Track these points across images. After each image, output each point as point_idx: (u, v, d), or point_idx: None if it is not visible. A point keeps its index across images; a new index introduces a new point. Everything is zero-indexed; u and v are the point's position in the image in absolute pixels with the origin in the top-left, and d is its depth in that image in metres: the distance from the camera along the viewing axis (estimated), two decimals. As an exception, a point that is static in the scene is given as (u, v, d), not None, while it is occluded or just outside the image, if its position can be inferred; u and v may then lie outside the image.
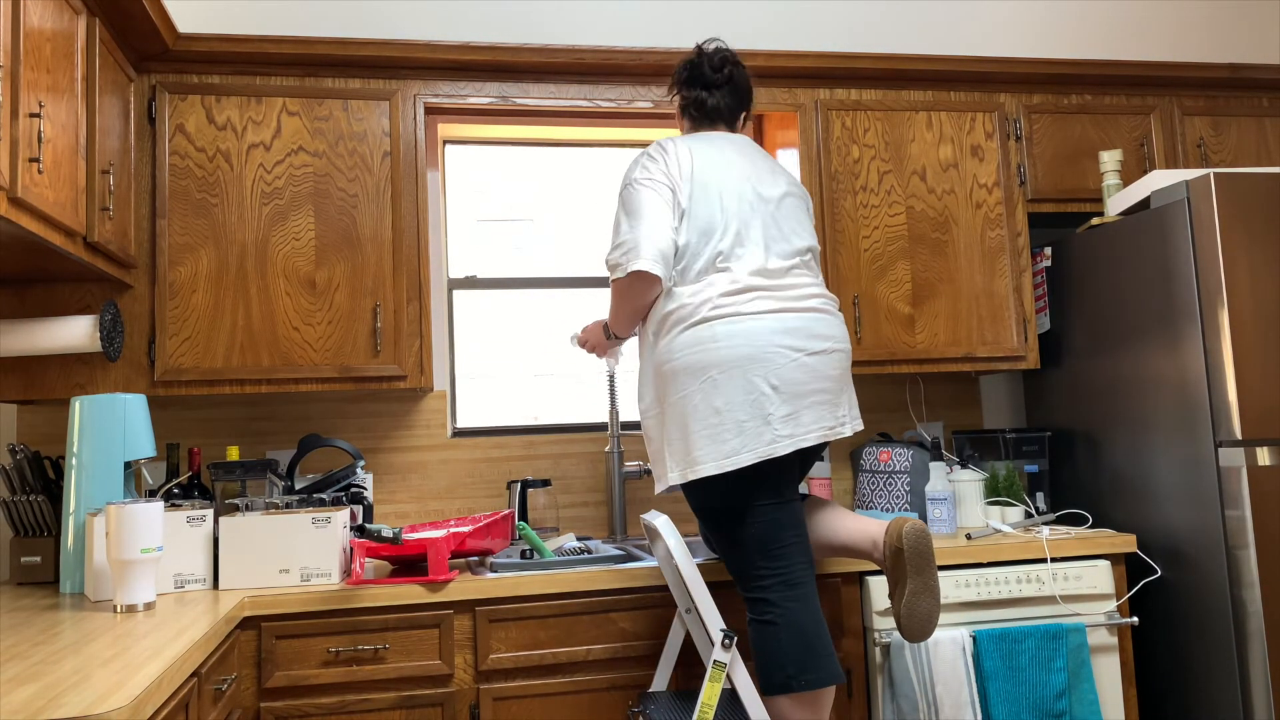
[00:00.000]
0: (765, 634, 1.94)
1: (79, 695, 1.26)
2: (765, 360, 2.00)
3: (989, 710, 2.28)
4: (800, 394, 2.01)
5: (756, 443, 1.98)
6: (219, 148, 2.50)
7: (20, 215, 1.76)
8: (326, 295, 2.52)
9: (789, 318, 2.04)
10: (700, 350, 2.01)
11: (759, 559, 1.98)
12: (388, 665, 2.12)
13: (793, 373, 2.01)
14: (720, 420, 1.99)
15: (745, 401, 1.99)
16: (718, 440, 1.98)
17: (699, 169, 2.11)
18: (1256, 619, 2.29)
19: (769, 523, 1.99)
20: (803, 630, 1.93)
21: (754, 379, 1.99)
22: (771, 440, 1.98)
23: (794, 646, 1.92)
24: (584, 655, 2.21)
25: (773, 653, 1.92)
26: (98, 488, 2.23)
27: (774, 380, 2.00)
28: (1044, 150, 2.94)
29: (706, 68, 2.24)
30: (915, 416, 3.13)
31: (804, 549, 2.01)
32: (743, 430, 1.98)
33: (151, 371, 2.43)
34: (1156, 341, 2.53)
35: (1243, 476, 2.31)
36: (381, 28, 2.95)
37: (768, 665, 1.93)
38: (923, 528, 2.02)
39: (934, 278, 2.82)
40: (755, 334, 2.01)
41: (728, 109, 2.25)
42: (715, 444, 1.99)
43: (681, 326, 2.03)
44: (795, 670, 1.90)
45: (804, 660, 1.91)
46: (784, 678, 1.90)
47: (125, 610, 1.89)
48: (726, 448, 1.98)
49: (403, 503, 2.81)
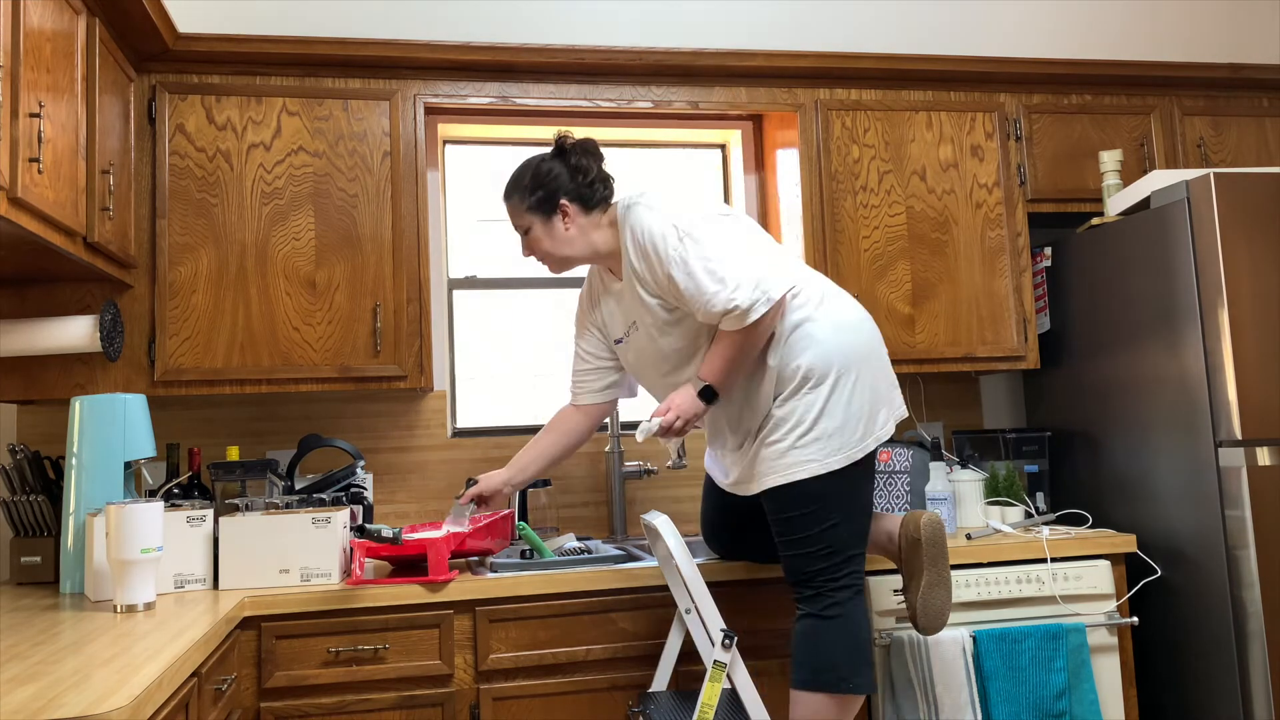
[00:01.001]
0: (826, 632, 1.94)
1: (79, 695, 1.26)
2: (879, 338, 2.11)
3: (989, 710, 2.28)
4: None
5: (890, 413, 2.06)
6: (219, 148, 2.50)
7: (20, 215, 1.76)
8: (326, 295, 2.52)
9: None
10: (850, 330, 2.03)
11: (842, 560, 1.98)
12: (388, 665, 2.12)
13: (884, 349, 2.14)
14: (876, 396, 2.04)
15: (885, 372, 2.08)
16: (870, 416, 2.02)
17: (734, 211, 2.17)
18: (1256, 619, 2.29)
19: (864, 527, 2.02)
20: (863, 636, 1.96)
21: (883, 354, 2.10)
22: (900, 404, 2.10)
23: (853, 650, 1.93)
24: (584, 655, 2.21)
25: (828, 653, 1.92)
26: (98, 488, 2.23)
27: (886, 359, 2.11)
28: (1044, 150, 2.94)
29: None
30: (915, 416, 3.13)
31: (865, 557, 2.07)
32: (890, 400, 2.08)
33: (151, 371, 2.43)
34: (1156, 341, 2.53)
35: (1243, 476, 2.31)
36: (381, 28, 2.95)
37: (818, 663, 1.92)
38: (939, 519, 2.04)
39: (934, 278, 2.82)
40: (863, 320, 2.09)
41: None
42: (868, 421, 2.01)
43: (817, 313, 2.04)
44: (849, 672, 1.92)
45: (859, 664, 1.93)
46: (835, 678, 1.91)
47: (125, 610, 1.89)
48: (875, 422, 2.02)
49: (403, 503, 2.81)
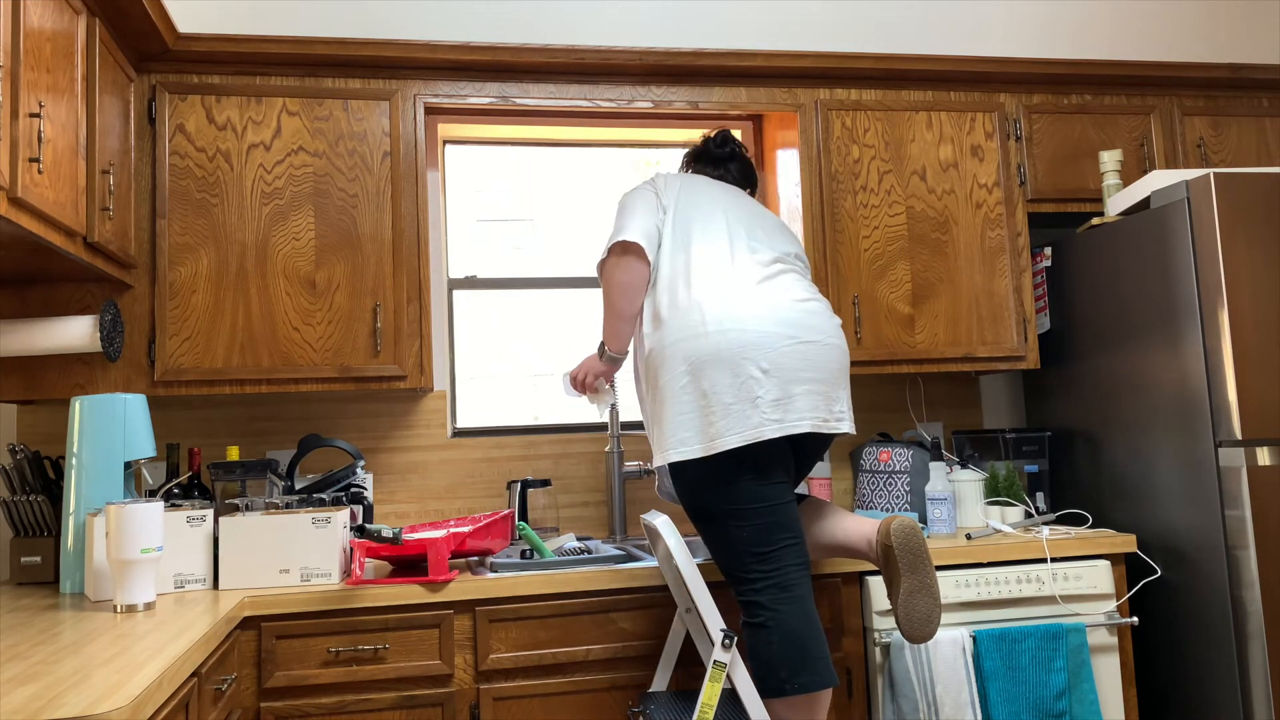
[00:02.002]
0: (758, 637, 1.94)
1: (79, 695, 1.26)
2: (756, 345, 1.98)
3: (989, 710, 2.28)
4: (792, 379, 1.98)
5: (743, 425, 1.94)
6: (219, 148, 2.50)
7: (20, 215, 1.76)
8: (326, 295, 2.52)
9: (782, 309, 2.04)
10: (691, 337, 2.01)
11: (751, 561, 1.97)
12: (388, 665, 2.12)
13: (785, 357, 1.99)
14: (707, 403, 1.97)
15: (733, 384, 1.96)
16: (705, 423, 1.97)
17: (686, 187, 2.27)
18: (1256, 619, 2.29)
19: (761, 525, 1.97)
20: (795, 634, 1.92)
21: (743, 361, 1.97)
22: (759, 424, 1.95)
23: (787, 650, 1.91)
24: (584, 655, 2.21)
25: (765, 656, 1.92)
26: (98, 488, 2.23)
27: (764, 364, 1.97)
28: (1044, 150, 2.94)
29: (711, 146, 2.47)
30: (915, 416, 3.13)
31: (798, 551, 1.99)
32: (729, 413, 1.95)
33: (151, 371, 2.43)
34: (1156, 341, 2.53)
35: (1243, 476, 2.31)
36: (381, 28, 2.95)
37: (761, 668, 1.93)
38: (912, 524, 2.00)
39: (934, 278, 2.82)
40: (746, 319, 2.00)
41: (738, 175, 2.47)
42: (701, 427, 1.97)
43: (673, 313, 2.06)
44: (788, 674, 1.90)
45: (797, 664, 1.90)
46: (777, 681, 1.90)
47: (125, 610, 1.89)
48: (712, 430, 1.96)
49: (403, 503, 2.81)
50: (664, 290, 2.11)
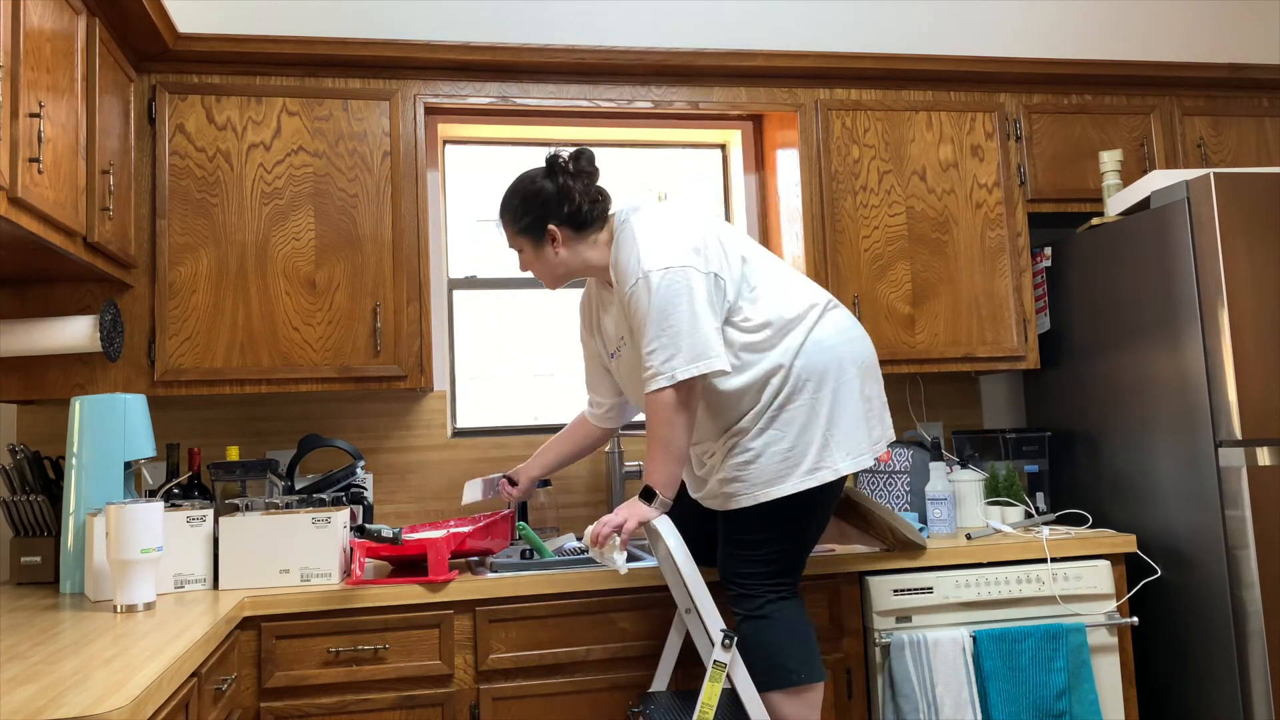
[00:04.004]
0: (768, 629, 1.98)
1: (79, 695, 1.26)
2: (873, 356, 2.11)
3: (989, 710, 2.28)
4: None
5: (884, 432, 2.07)
6: (219, 148, 2.50)
7: (20, 215, 1.76)
8: (326, 295, 2.52)
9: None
10: (848, 339, 2.04)
11: (801, 561, 2.05)
12: (388, 665, 2.12)
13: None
14: (870, 408, 2.05)
15: (878, 391, 2.09)
16: (869, 428, 2.04)
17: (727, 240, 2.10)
18: (1256, 619, 2.29)
19: (821, 532, 2.08)
20: (803, 626, 2.01)
21: (876, 370, 2.10)
22: (886, 431, 2.08)
23: (797, 642, 1.97)
24: (584, 655, 2.21)
25: (777, 648, 1.96)
26: (98, 488, 2.23)
27: (878, 376, 2.11)
28: (1044, 150, 2.94)
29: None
30: (915, 416, 3.13)
31: None
32: (881, 419, 2.08)
33: (151, 371, 2.43)
34: (1156, 341, 2.53)
35: (1243, 476, 2.31)
36: (381, 28, 2.95)
37: (769, 660, 1.96)
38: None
39: (934, 278, 2.82)
40: (858, 330, 2.11)
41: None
42: (867, 432, 2.03)
43: (809, 319, 2.03)
44: (797, 664, 1.95)
45: (803, 655, 1.97)
46: (786, 672, 1.95)
47: (125, 610, 1.89)
48: (874, 435, 2.05)
49: (403, 503, 2.81)
50: (755, 300, 2.02)
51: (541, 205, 2.06)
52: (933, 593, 2.34)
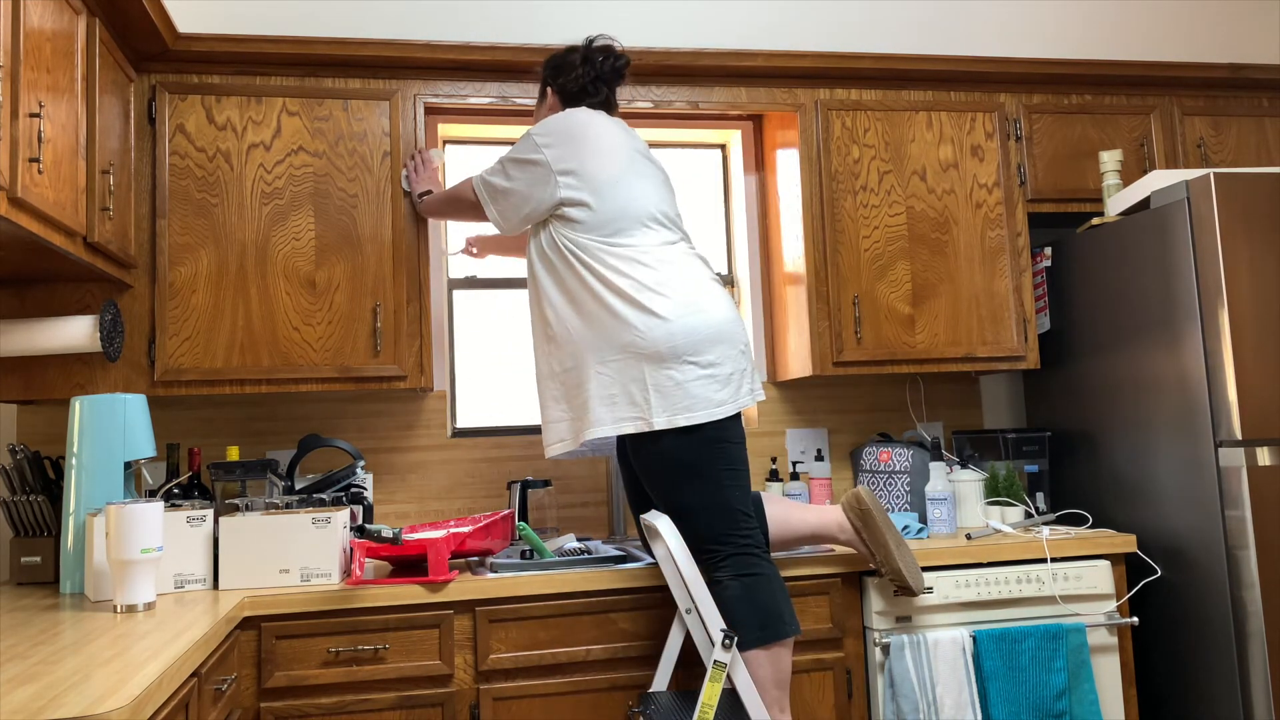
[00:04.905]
0: (757, 586, 2.02)
1: (79, 695, 1.26)
2: (739, 323, 2.17)
3: (989, 710, 2.28)
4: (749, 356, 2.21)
5: (738, 395, 2.13)
6: (219, 148, 2.50)
7: (20, 215, 1.76)
8: (326, 295, 2.52)
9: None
10: (694, 313, 2.11)
11: (742, 518, 2.08)
12: (388, 665, 2.12)
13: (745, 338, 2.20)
14: (713, 374, 2.11)
15: (733, 355, 2.13)
16: (710, 390, 2.10)
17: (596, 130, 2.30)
18: (1256, 619, 2.29)
19: (746, 486, 2.11)
20: (781, 582, 2.08)
21: (739, 335, 2.16)
22: (750, 391, 2.15)
23: (781, 595, 2.04)
24: (584, 655, 2.21)
25: (766, 603, 2.01)
26: (98, 488, 2.23)
27: (745, 342, 2.17)
28: (1044, 150, 2.94)
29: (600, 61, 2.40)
30: (915, 416, 3.13)
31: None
32: (729, 382, 2.12)
33: (151, 371, 2.43)
34: (1156, 341, 2.53)
35: (1243, 476, 2.32)
36: (381, 28, 2.95)
37: (761, 615, 2.00)
38: (866, 489, 2.20)
39: (934, 278, 2.82)
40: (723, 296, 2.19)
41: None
42: (709, 393, 2.10)
43: (656, 286, 2.12)
44: (790, 616, 2.03)
45: (787, 608, 2.04)
46: (780, 625, 2.01)
47: (125, 610, 1.89)
48: (719, 396, 2.11)
49: (403, 503, 2.81)
50: (636, 268, 2.17)
51: (554, 70, 2.39)
52: (932, 593, 2.34)
